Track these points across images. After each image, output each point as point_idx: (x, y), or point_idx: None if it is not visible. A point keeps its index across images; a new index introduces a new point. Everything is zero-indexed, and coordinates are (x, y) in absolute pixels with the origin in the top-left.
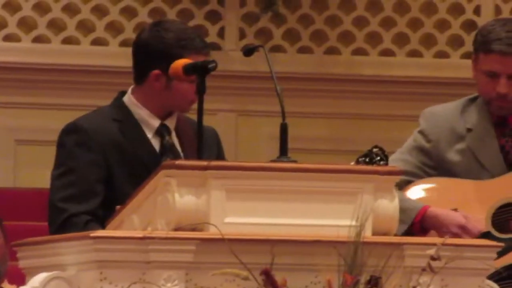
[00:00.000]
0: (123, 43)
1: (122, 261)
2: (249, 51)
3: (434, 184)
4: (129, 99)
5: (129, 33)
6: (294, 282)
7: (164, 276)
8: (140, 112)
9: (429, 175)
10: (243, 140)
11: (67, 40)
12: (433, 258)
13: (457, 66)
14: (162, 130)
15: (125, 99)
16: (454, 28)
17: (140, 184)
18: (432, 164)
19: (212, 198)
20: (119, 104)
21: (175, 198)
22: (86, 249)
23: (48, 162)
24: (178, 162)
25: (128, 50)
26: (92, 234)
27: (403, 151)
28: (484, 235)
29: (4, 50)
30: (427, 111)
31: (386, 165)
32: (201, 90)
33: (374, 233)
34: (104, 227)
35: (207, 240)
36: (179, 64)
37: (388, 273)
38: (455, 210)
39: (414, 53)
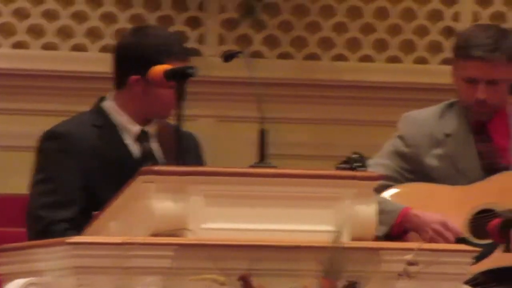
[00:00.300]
0: (103, 49)
1: (100, 267)
2: (229, 57)
3: (412, 189)
4: (109, 104)
5: (109, 39)
6: (272, 287)
7: (142, 282)
8: (120, 118)
9: (407, 179)
10: (223, 145)
11: (46, 46)
12: (410, 263)
13: (436, 72)
14: (142, 136)
15: (105, 104)
16: (433, 34)
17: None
18: (411, 168)
19: (191, 203)
20: (99, 109)
21: (154, 204)
22: (64, 255)
23: (28, 168)
24: (156, 168)
25: (108, 56)
26: (69, 240)
27: (382, 156)
28: (461, 240)
29: None
30: (406, 116)
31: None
32: (181, 96)
33: (352, 238)
34: (82, 234)
35: (185, 245)
36: (160, 69)
37: (366, 278)
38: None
39: (393, 59)
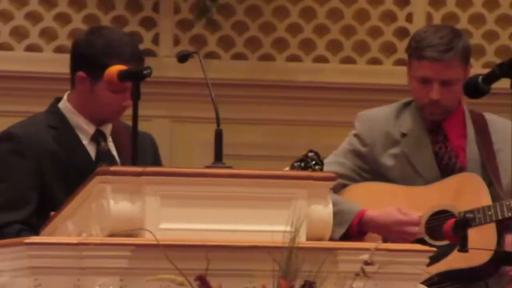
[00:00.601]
0: (57, 50)
1: (56, 267)
2: (183, 57)
3: (367, 188)
4: (64, 105)
5: (63, 39)
6: (229, 287)
7: (99, 282)
8: (75, 119)
9: (364, 178)
10: (177, 146)
11: (0, 46)
12: (366, 263)
13: (390, 73)
14: (97, 136)
15: (61, 105)
16: (386, 35)
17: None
18: (368, 167)
19: (147, 204)
20: (55, 110)
21: (110, 204)
22: (20, 256)
23: None
24: (112, 168)
25: (62, 57)
26: (26, 241)
27: (339, 154)
28: (418, 242)
29: None
30: (363, 115)
31: (321, 169)
32: (135, 96)
33: (308, 239)
34: (38, 234)
35: (142, 246)
36: (114, 70)
37: (322, 278)
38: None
39: (347, 60)
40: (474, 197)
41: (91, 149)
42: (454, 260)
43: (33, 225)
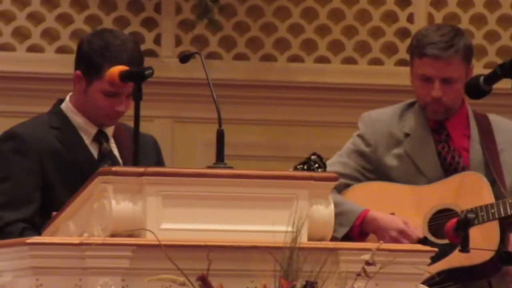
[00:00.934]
0: (59, 50)
1: (58, 267)
2: (185, 58)
3: (371, 188)
4: (66, 106)
5: (65, 40)
6: (230, 287)
7: (100, 282)
8: (77, 119)
9: (368, 178)
10: (179, 146)
11: (2, 47)
12: (367, 263)
13: (392, 73)
14: (100, 137)
15: (63, 106)
16: (388, 35)
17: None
18: (371, 168)
19: (148, 204)
20: (57, 111)
21: (112, 204)
22: (22, 256)
23: None
24: (114, 169)
25: (64, 57)
26: (28, 241)
27: (342, 154)
28: (421, 240)
29: None
30: (366, 115)
31: (324, 172)
32: (137, 97)
33: (309, 239)
34: (41, 234)
35: (143, 246)
36: (116, 70)
37: (324, 278)
38: (393, 214)
39: (348, 60)
40: (477, 195)
41: (94, 149)
42: (456, 258)
43: (37, 224)
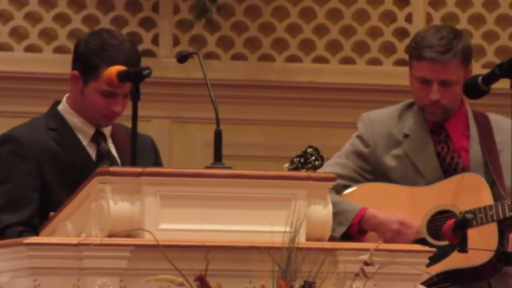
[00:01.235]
0: (57, 50)
1: (56, 268)
2: (183, 58)
3: (370, 189)
4: (63, 107)
5: (63, 40)
6: (228, 287)
7: (98, 282)
8: (74, 120)
9: (366, 179)
10: (177, 146)
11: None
12: (366, 264)
13: (390, 73)
14: (97, 137)
15: (60, 107)
16: (386, 35)
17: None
18: (370, 168)
19: (146, 204)
20: (54, 112)
21: (109, 204)
22: (20, 256)
23: None
24: (112, 169)
25: (62, 57)
26: (25, 241)
27: (341, 155)
28: (420, 242)
29: None
30: (365, 116)
31: (321, 164)
32: (135, 97)
33: (307, 239)
34: (38, 234)
35: (141, 246)
36: (114, 70)
37: (322, 278)
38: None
39: (347, 60)
40: (475, 197)
41: (92, 150)
42: (454, 260)
43: (35, 226)
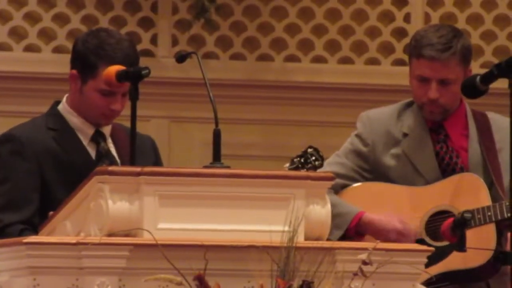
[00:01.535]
0: (56, 50)
1: (55, 267)
2: (182, 57)
3: (368, 188)
4: (63, 107)
5: (62, 39)
6: (227, 287)
7: (97, 282)
8: (74, 119)
9: (365, 178)
10: (176, 146)
11: None
12: (364, 263)
13: (388, 73)
14: (97, 137)
15: (60, 107)
16: (384, 35)
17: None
18: (369, 168)
19: (145, 204)
20: (54, 112)
21: (108, 204)
22: (19, 255)
23: None
24: (110, 168)
25: (61, 57)
26: (24, 240)
27: (340, 155)
28: (418, 242)
29: None
30: (364, 115)
31: (321, 164)
32: (134, 97)
33: (306, 238)
34: (38, 234)
35: (140, 245)
36: (113, 69)
37: (320, 277)
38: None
39: (345, 60)
40: (474, 197)
41: (91, 150)
42: (453, 261)
43: (36, 225)
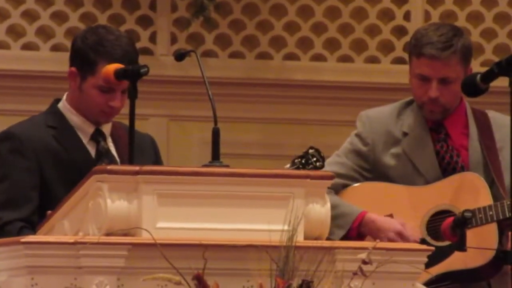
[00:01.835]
0: (54, 48)
1: (53, 266)
2: (180, 56)
3: (368, 188)
4: (63, 105)
5: (60, 37)
6: (226, 286)
7: (96, 281)
8: (73, 118)
9: (365, 178)
10: (174, 145)
11: None
12: (364, 262)
13: (388, 71)
14: (97, 135)
15: (60, 105)
16: (384, 33)
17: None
18: (369, 167)
19: (144, 203)
20: (54, 110)
21: (107, 203)
22: (17, 255)
23: None
24: (109, 167)
25: (59, 55)
26: (22, 240)
27: (340, 154)
28: (420, 242)
29: None
30: (364, 114)
31: (322, 165)
32: (132, 95)
33: (306, 238)
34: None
35: (139, 245)
36: (111, 68)
37: (320, 277)
38: (391, 216)
39: (345, 59)
40: (475, 196)
41: (91, 148)
42: (454, 261)
43: (35, 223)
